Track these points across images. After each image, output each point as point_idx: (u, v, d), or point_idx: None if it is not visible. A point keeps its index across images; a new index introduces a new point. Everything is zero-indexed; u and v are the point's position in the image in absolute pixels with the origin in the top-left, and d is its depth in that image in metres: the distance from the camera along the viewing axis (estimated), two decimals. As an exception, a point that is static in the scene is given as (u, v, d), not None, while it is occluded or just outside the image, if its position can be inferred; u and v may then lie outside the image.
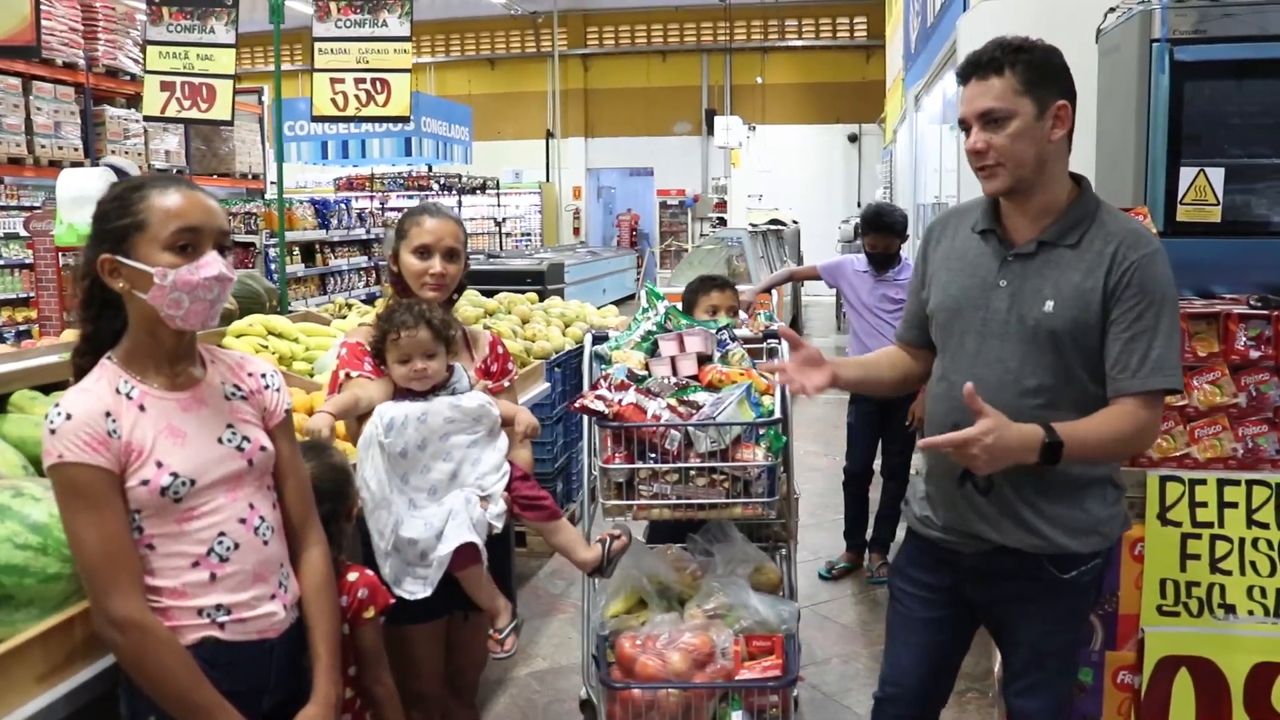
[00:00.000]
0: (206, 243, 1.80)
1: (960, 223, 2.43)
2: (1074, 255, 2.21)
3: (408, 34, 4.93)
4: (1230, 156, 3.09)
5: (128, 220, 1.78)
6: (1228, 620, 2.80)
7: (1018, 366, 2.23)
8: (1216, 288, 3.13)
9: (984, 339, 2.28)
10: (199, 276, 1.77)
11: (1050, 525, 2.24)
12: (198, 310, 1.79)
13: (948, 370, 2.36)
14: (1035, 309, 2.21)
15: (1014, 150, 2.17)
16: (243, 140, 12.28)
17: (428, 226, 2.78)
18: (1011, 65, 2.17)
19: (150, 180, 1.83)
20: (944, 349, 2.39)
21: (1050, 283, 2.21)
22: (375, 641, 2.33)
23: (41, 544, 1.93)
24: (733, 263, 10.63)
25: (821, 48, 22.56)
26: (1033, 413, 2.17)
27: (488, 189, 19.97)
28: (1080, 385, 2.22)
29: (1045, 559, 2.28)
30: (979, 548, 2.33)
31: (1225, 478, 2.81)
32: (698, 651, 2.69)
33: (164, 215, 1.77)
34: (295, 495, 2.02)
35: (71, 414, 1.73)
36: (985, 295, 2.28)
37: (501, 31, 23.96)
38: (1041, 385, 2.21)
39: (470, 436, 2.63)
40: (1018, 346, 2.23)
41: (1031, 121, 2.16)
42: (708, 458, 2.77)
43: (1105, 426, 2.15)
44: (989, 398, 2.13)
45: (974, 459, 2.07)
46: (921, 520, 2.48)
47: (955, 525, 2.36)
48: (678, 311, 3.45)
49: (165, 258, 1.76)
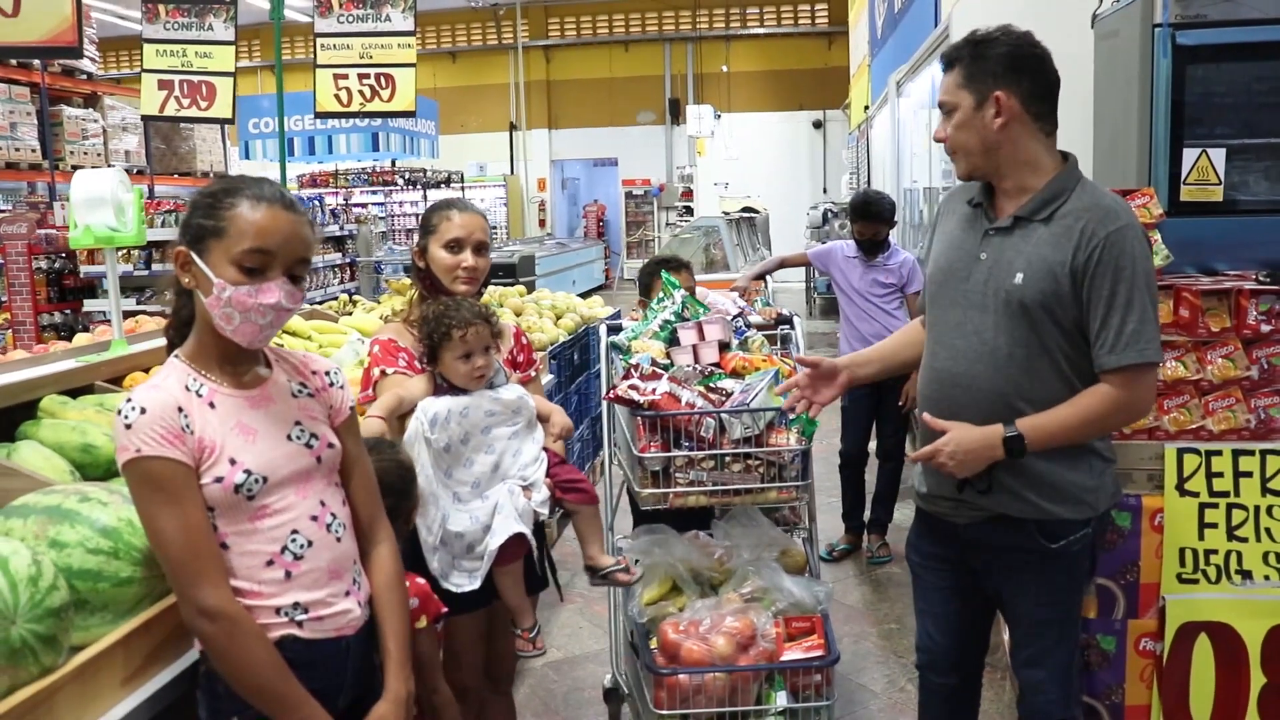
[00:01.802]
0: (277, 267, 1.78)
1: (963, 197, 2.52)
2: (1045, 229, 2.30)
3: (411, 28, 4.91)
4: (1231, 137, 3.17)
5: (210, 222, 1.77)
6: (1245, 586, 2.89)
7: (993, 338, 2.31)
8: (1219, 265, 3.22)
9: (965, 310, 2.37)
10: (256, 301, 1.75)
11: (1035, 491, 2.32)
12: (247, 330, 1.78)
13: (933, 341, 2.46)
14: (1007, 281, 2.30)
15: (959, 139, 2.34)
16: (203, 139, 12.10)
17: (458, 221, 2.79)
18: (959, 59, 2.33)
19: (249, 186, 1.80)
20: (932, 321, 2.48)
21: (1022, 256, 2.30)
22: (430, 650, 2.35)
23: (113, 548, 1.93)
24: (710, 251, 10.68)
25: (784, 35, 22.62)
26: (1009, 383, 2.29)
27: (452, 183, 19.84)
28: (1053, 357, 2.29)
29: (1034, 527, 2.35)
30: (973, 517, 2.42)
31: (1240, 448, 2.90)
32: (740, 634, 2.74)
33: (241, 231, 1.75)
34: (363, 492, 2.03)
35: (146, 408, 1.72)
36: (968, 267, 2.38)
37: (463, 24, 23.79)
38: (1014, 356, 2.30)
39: (511, 428, 2.65)
40: (993, 318, 2.32)
41: (970, 113, 2.31)
42: (741, 444, 2.82)
43: (1074, 413, 2.26)
44: (964, 367, 2.34)
45: (945, 467, 2.29)
46: (921, 496, 2.59)
47: (949, 495, 2.44)
48: (695, 300, 3.49)
49: (231, 273, 1.75)
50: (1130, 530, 2.91)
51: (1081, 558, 2.46)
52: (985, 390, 2.31)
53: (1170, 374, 2.93)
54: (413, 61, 4.98)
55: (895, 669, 4.13)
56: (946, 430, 2.29)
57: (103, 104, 10.74)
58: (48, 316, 8.92)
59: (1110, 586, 2.93)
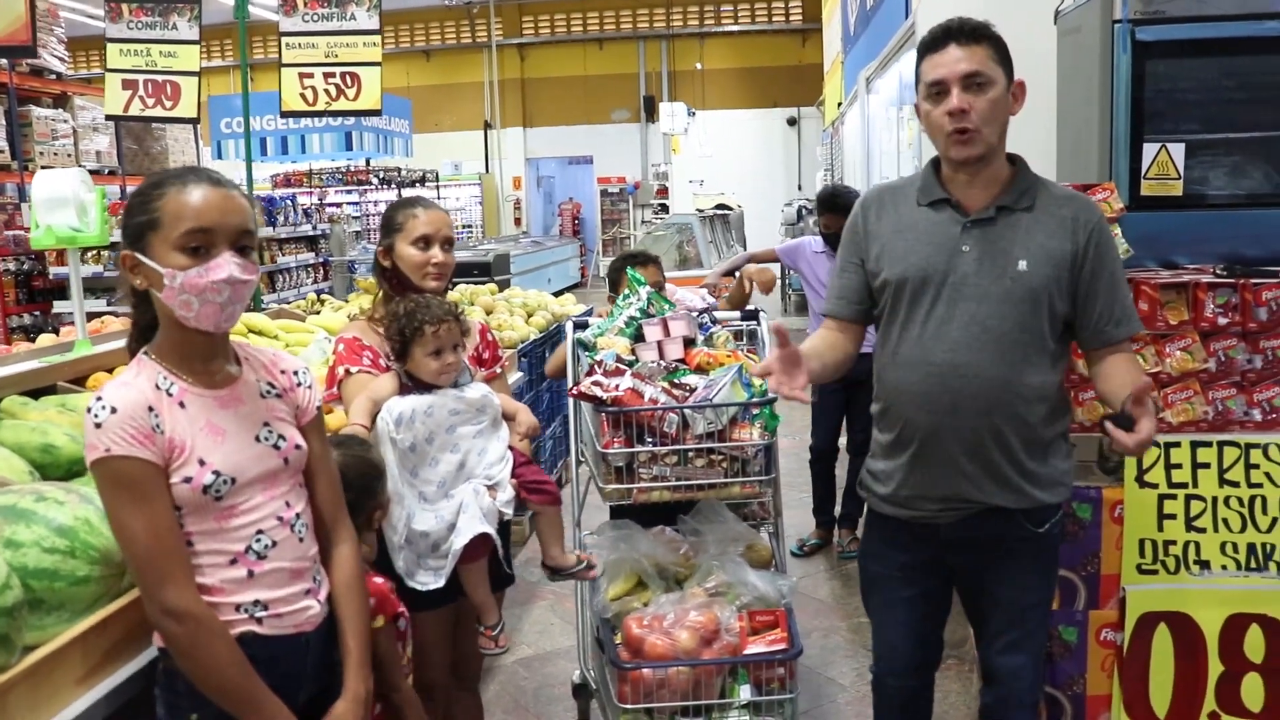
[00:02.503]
0: (221, 243, 1.77)
1: (897, 197, 2.52)
2: (1032, 218, 2.35)
3: (377, 27, 4.89)
4: (1190, 132, 3.21)
5: (144, 218, 1.77)
6: (1203, 575, 2.93)
7: (995, 325, 2.33)
8: (1179, 259, 3.25)
9: (954, 303, 2.36)
10: (207, 280, 1.74)
11: (1027, 480, 2.37)
12: (208, 312, 1.77)
13: (917, 337, 2.41)
14: (1010, 268, 2.33)
15: (992, 115, 2.29)
16: (175, 139, 12.01)
17: (424, 218, 2.79)
18: (988, 38, 2.32)
19: (175, 175, 1.80)
20: (909, 317, 2.43)
21: (1018, 244, 2.34)
22: (388, 649, 2.34)
23: (70, 547, 1.92)
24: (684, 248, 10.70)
25: (758, 32, 22.65)
26: (1012, 368, 2.32)
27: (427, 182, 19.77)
28: (1043, 339, 2.36)
29: (1021, 515, 2.40)
30: (959, 514, 2.42)
31: (1198, 440, 2.93)
32: (704, 629, 2.74)
33: (176, 215, 1.75)
34: (326, 492, 2.03)
35: (116, 407, 1.71)
36: (949, 261, 2.37)
37: (436, 22, 23.70)
38: (1016, 341, 2.33)
39: (475, 427, 2.65)
40: (994, 306, 2.33)
41: (1004, 91, 2.31)
42: (705, 439, 2.83)
43: (1140, 370, 2.44)
44: (966, 358, 2.32)
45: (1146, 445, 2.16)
46: (890, 501, 2.53)
47: (934, 495, 2.43)
48: (660, 296, 3.49)
49: (177, 259, 1.74)
50: (1091, 522, 2.94)
51: (1058, 540, 2.54)
52: (989, 378, 2.32)
53: (1129, 367, 2.95)
54: (378, 60, 4.97)
55: (864, 663, 4.14)
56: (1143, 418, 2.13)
57: (73, 104, 10.64)
58: (17, 318, 8.85)
59: (1071, 578, 2.96)
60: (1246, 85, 3.20)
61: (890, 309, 2.48)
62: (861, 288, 2.56)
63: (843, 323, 2.62)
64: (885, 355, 2.50)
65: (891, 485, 2.51)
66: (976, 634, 2.63)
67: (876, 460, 2.57)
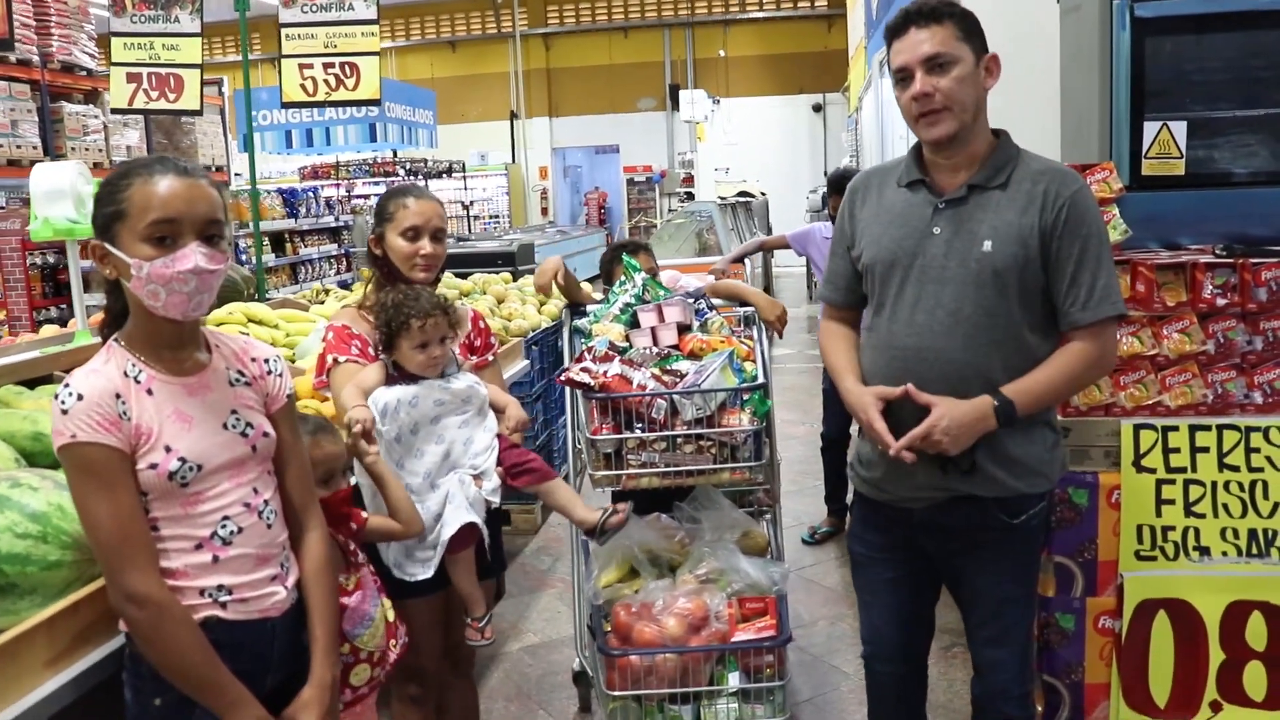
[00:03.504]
0: (188, 233, 1.77)
1: (884, 180, 2.49)
2: (1004, 195, 2.30)
3: (374, 16, 4.91)
4: (1192, 110, 3.14)
5: (111, 208, 1.77)
6: (1202, 562, 2.87)
7: (959, 308, 2.28)
8: (1182, 239, 3.19)
9: (923, 285, 2.33)
10: (173, 270, 1.75)
11: (999, 468, 2.31)
12: (175, 302, 1.77)
13: (887, 321, 2.39)
14: (974, 250, 2.28)
15: (960, 93, 2.26)
16: (205, 133, 12.14)
17: (415, 208, 2.78)
18: (950, 15, 2.28)
19: (141, 165, 1.80)
20: (880, 301, 2.42)
21: (986, 224, 2.28)
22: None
23: (41, 532, 1.94)
24: (703, 236, 10.66)
25: (783, 18, 22.53)
26: (978, 352, 2.27)
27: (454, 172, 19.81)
28: (1014, 323, 2.29)
29: (995, 505, 2.34)
30: (929, 501, 2.39)
31: (1196, 423, 2.88)
32: (693, 616, 2.74)
33: (142, 205, 1.75)
34: (296, 479, 2.03)
35: (83, 394, 1.73)
36: (920, 243, 2.34)
37: (461, 13, 23.76)
38: (980, 325, 2.28)
39: (460, 417, 2.65)
40: (959, 289, 2.29)
41: (971, 68, 2.28)
42: (694, 425, 2.82)
43: (1054, 373, 2.28)
44: (929, 342, 2.29)
45: (940, 444, 2.22)
46: (868, 482, 2.52)
47: (905, 481, 2.39)
48: (655, 283, 3.48)
49: (144, 249, 1.75)
50: (1087, 508, 2.89)
51: (1039, 532, 2.47)
52: (954, 362, 2.28)
53: (1126, 349, 2.90)
54: (376, 50, 4.98)
55: (869, 650, 4.12)
56: (932, 405, 2.23)
57: (103, 99, 10.75)
58: (44, 311, 8.97)
59: (1068, 564, 2.92)
60: (1249, 62, 3.13)
61: (869, 291, 2.47)
62: (849, 273, 2.54)
63: (838, 309, 2.61)
64: (864, 338, 2.50)
65: (870, 469, 2.49)
66: (964, 624, 2.60)
67: (862, 443, 2.55)
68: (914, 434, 2.23)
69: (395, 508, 2.49)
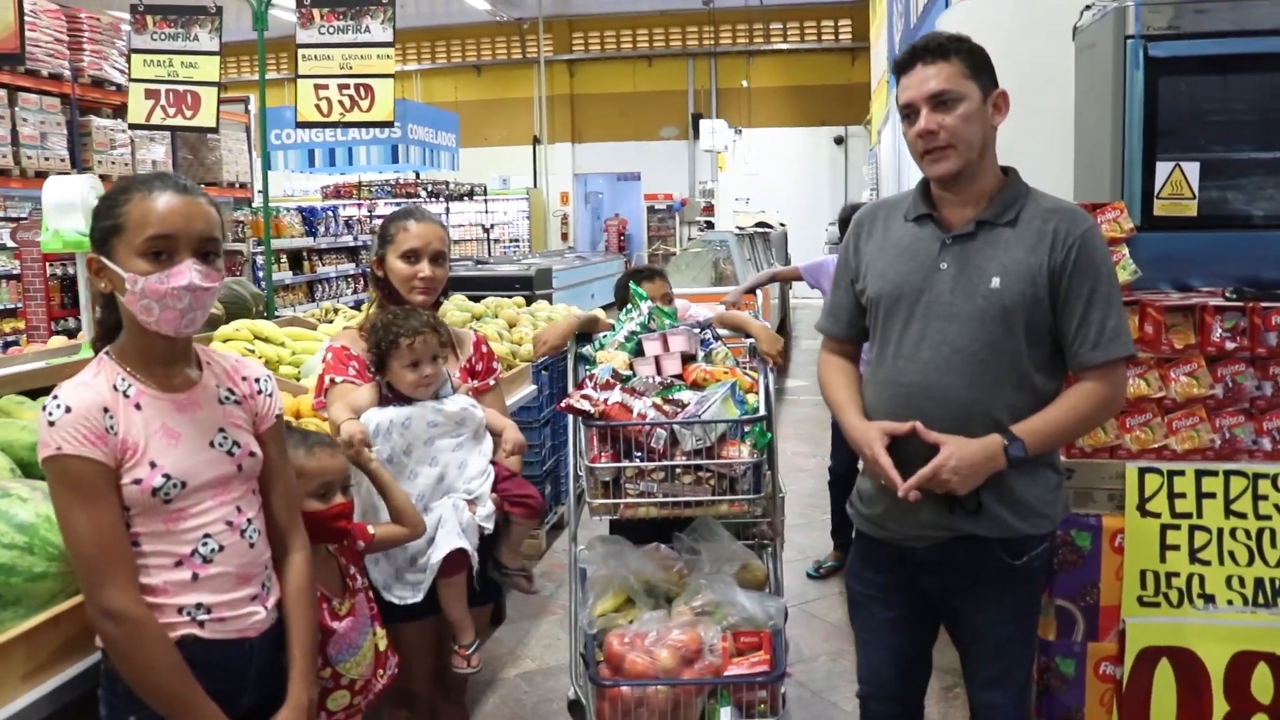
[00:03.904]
0: (183, 250, 1.78)
1: (891, 214, 2.47)
2: (1013, 233, 2.27)
3: (390, 39, 4.95)
4: (1206, 151, 3.12)
5: (109, 223, 1.78)
6: (1207, 610, 2.83)
7: (965, 345, 2.26)
8: (1194, 281, 3.15)
9: (928, 321, 2.30)
10: (168, 286, 1.76)
11: (1002, 507, 2.27)
12: (169, 318, 1.78)
13: (891, 356, 2.37)
14: (982, 286, 2.25)
15: (965, 131, 2.24)
16: (230, 149, 12.27)
17: (414, 231, 2.79)
18: (956, 52, 2.26)
19: (141, 181, 1.81)
20: (885, 336, 2.39)
21: (995, 261, 2.26)
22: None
23: (28, 543, 1.94)
24: (720, 265, 10.65)
25: (806, 51, 22.63)
26: (983, 390, 2.24)
27: (475, 195, 19.94)
28: (1020, 361, 2.26)
29: (997, 545, 2.30)
30: (931, 540, 2.35)
31: (1203, 468, 2.84)
32: (686, 648, 2.70)
33: (139, 221, 1.76)
34: (281, 500, 2.03)
35: (71, 407, 1.73)
36: (926, 279, 2.31)
37: (487, 38, 23.96)
38: (987, 362, 2.25)
39: (454, 440, 2.64)
40: (965, 325, 2.26)
41: (978, 105, 2.26)
42: (693, 455, 2.79)
43: (1064, 413, 2.25)
44: (935, 379, 2.25)
45: (949, 484, 2.18)
46: (869, 520, 2.48)
47: (908, 520, 2.35)
48: (662, 311, 3.46)
49: (139, 264, 1.76)
50: (1090, 551, 2.86)
51: (1041, 573, 2.43)
52: (959, 400, 2.25)
53: (1133, 391, 2.87)
54: (391, 72, 5.02)
55: (870, 688, 4.06)
56: (940, 444, 2.19)
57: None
58: (62, 322, 9.03)
59: (1069, 608, 2.88)
60: (1265, 103, 3.11)
61: (873, 327, 2.44)
62: (851, 306, 2.52)
63: (838, 342, 2.58)
64: (867, 373, 2.47)
65: (871, 506, 2.46)
66: (962, 666, 2.56)
67: (863, 480, 2.52)
68: (922, 473, 2.19)
69: (399, 510, 2.49)
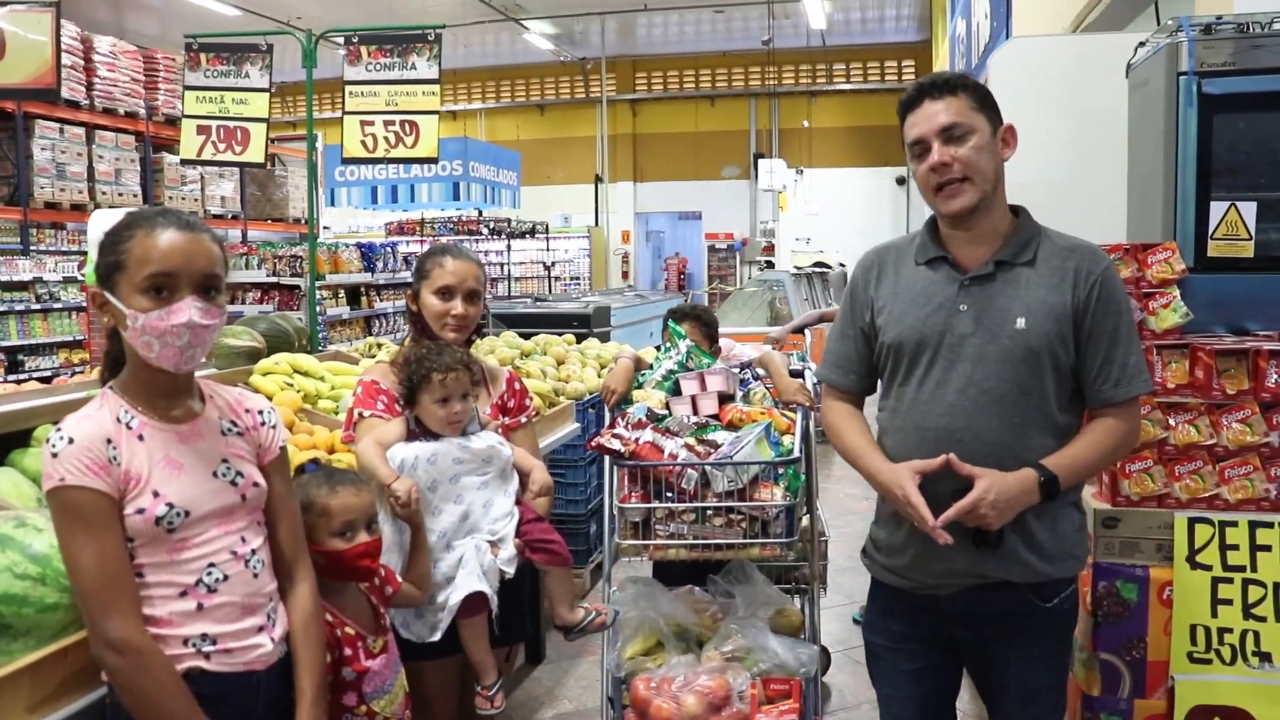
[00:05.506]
0: (184, 287, 1.79)
1: (898, 258, 2.41)
2: (1033, 272, 2.24)
3: (436, 76, 5.03)
4: (1263, 189, 3.01)
5: (112, 258, 1.80)
6: (1263, 669, 2.69)
7: (993, 387, 2.21)
8: (1249, 324, 3.03)
9: (952, 364, 2.25)
10: (168, 324, 1.77)
11: (1034, 553, 2.22)
12: (169, 355, 1.79)
13: (912, 401, 2.30)
14: (1007, 327, 2.21)
15: (979, 163, 2.21)
16: (296, 186, 12.55)
17: (450, 268, 2.79)
18: (963, 88, 2.25)
19: (144, 217, 1.83)
20: (905, 381, 2.33)
21: (1018, 301, 2.22)
22: None
23: (41, 574, 1.95)
24: (775, 305, 10.60)
25: (869, 91, 22.57)
26: (1012, 430, 2.20)
27: (536, 233, 20.12)
28: (1046, 400, 2.22)
29: (1027, 589, 2.25)
30: (958, 586, 2.28)
31: (1258, 520, 2.71)
32: (713, 694, 2.64)
33: (141, 258, 1.78)
34: (287, 531, 2.03)
35: (74, 438, 1.75)
36: (946, 321, 2.26)
37: (551, 77, 24.27)
38: (1015, 404, 2.21)
39: (480, 478, 2.62)
40: (992, 367, 2.21)
41: (989, 138, 2.24)
42: (725, 497, 2.74)
43: (1089, 448, 2.24)
44: (963, 422, 2.21)
45: (985, 518, 2.14)
46: (889, 570, 2.41)
47: (932, 567, 2.28)
48: (700, 350, 3.43)
49: (140, 301, 1.78)
50: (1137, 603, 2.74)
51: (1071, 615, 2.37)
52: (989, 441, 2.20)
53: (1182, 438, 2.76)
54: (436, 109, 5.09)
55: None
56: (975, 478, 2.14)
57: (202, 152, 11.21)
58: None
59: (1115, 662, 2.76)
60: (1323, 142, 3.00)
61: (890, 372, 2.38)
62: (858, 357, 2.45)
63: (848, 395, 2.50)
64: (884, 419, 2.40)
65: (893, 555, 2.38)
66: (990, 717, 2.46)
67: (879, 528, 2.45)
68: (960, 505, 2.12)
69: (420, 576, 2.50)
